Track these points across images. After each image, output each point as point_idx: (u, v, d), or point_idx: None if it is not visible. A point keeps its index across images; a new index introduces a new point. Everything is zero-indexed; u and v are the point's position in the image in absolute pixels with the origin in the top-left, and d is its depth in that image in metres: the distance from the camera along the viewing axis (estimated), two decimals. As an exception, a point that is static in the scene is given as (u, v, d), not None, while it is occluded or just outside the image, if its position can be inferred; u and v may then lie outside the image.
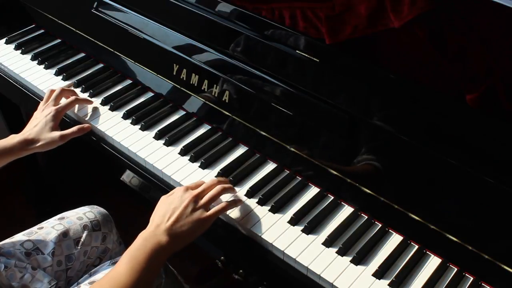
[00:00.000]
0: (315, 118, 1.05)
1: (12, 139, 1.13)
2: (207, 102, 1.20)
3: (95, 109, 1.25)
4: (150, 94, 1.29)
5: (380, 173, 0.98)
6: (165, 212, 0.92)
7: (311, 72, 1.06)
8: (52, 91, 1.22)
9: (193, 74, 1.21)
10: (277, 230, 0.98)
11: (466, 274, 0.93)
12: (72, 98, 1.22)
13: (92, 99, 1.27)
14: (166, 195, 0.97)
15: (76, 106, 1.24)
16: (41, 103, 1.21)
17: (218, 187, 0.97)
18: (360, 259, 0.94)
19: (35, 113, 1.19)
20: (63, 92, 1.23)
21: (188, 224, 0.90)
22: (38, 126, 1.15)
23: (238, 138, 1.16)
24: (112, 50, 1.36)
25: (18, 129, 1.70)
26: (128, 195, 1.74)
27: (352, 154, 1.02)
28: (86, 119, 1.23)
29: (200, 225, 0.92)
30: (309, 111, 1.06)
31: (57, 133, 1.14)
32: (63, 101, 1.22)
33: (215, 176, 1.08)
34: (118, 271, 0.86)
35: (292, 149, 1.08)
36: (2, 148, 1.11)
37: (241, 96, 1.14)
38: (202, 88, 1.19)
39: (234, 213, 1.01)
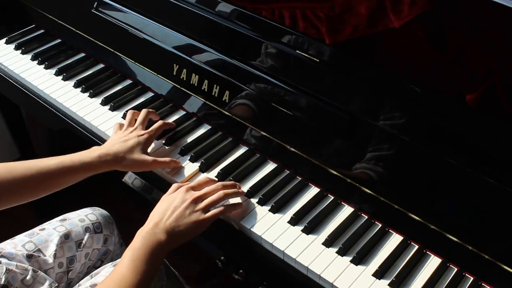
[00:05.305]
0: (315, 118, 1.05)
1: (93, 152, 1.04)
2: (207, 102, 1.20)
3: (95, 110, 1.25)
4: (150, 94, 1.29)
5: (380, 173, 0.99)
6: (165, 210, 0.93)
7: (311, 72, 1.06)
8: (136, 113, 1.15)
9: (193, 74, 1.21)
10: (277, 230, 0.98)
11: (466, 274, 0.93)
12: (160, 122, 1.14)
13: (92, 99, 1.28)
14: (166, 193, 0.98)
15: None
16: (125, 124, 1.13)
17: (220, 193, 0.97)
18: (360, 259, 0.94)
19: (118, 133, 1.10)
20: (149, 114, 1.15)
21: (186, 225, 0.92)
22: (129, 143, 1.06)
23: (238, 138, 1.16)
24: (112, 50, 1.36)
25: (18, 129, 1.71)
26: (130, 196, 1.74)
27: (352, 154, 1.02)
28: (87, 120, 1.23)
29: (197, 226, 0.93)
30: (309, 111, 1.06)
31: (150, 157, 1.07)
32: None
33: (215, 176, 1.08)
34: (121, 272, 0.86)
35: (292, 149, 1.08)
36: (82, 163, 1.01)
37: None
38: (202, 88, 1.19)
39: (234, 213, 1.01)
